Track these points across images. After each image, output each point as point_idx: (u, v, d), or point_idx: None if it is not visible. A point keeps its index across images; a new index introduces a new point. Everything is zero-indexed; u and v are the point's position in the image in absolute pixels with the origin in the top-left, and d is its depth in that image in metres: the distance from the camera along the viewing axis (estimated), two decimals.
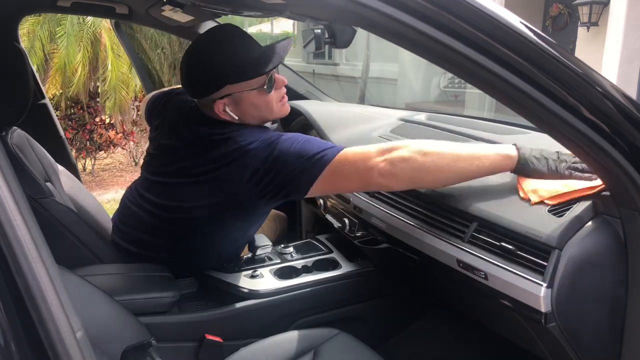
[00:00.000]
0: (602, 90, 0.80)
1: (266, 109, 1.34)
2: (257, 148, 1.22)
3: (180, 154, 1.36)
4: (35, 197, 1.33)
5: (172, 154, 1.39)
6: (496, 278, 1.00)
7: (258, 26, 12.06)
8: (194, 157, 1.32)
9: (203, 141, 1.32)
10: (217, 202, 1.30)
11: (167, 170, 1.38)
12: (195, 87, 1.35)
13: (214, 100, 1.29)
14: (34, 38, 5.41)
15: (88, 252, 1.40)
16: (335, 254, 1.66)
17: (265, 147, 1.22)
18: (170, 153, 1.40)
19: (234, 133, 1.28)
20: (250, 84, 1.29)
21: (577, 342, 0.96)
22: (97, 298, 1.02)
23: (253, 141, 1.24)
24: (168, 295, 1.33)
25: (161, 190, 1.40)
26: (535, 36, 0.77)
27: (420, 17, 0.72)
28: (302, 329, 1.31)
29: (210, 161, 1.28)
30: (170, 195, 1.37)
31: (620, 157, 0.81)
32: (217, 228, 1.39)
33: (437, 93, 6.87)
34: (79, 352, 0.56)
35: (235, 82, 1.28)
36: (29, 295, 0.54)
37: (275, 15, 1.50)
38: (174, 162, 1.37)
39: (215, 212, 1.33)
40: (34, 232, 0.56)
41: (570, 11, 6.34)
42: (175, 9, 1.69)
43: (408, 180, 1.14)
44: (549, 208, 1.00)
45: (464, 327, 1.57)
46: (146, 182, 1.46)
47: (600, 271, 0.93)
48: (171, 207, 1.37)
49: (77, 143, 5.52)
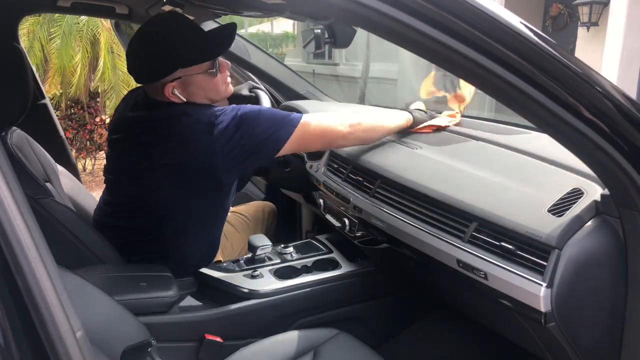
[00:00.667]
0: (602, 90, 0.80)
1: (213, 90, 1.41)
2: (220, 119, 1.29)
3: (134, 142, 1.39)
4: (35, 197, 1.33)
5: (125, 146, 1.42)
6: (496, 278, 1.00)
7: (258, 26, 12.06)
8: (149, 142, 1.35)
9: (155, 123, 1.36)
10: (182, 182, 1.33)
11: (123, 165, 1.41)
12: (145, 72, 1.38)
13: (164, 83, 1.33)
14: (33, 38, 5.41)
15: (88, 252, 1.40)
16: (335, 254, 1.66)
17: (230, 118, 1.29)
18: (124, 147, 1.42)
19: (188, 110, 1.34)
20: (200, 67, 1.36)
21: (577, 342, 0.96)
22: (97, 298, 1.02)
23: (214, 113, 1.31)
24: (168, 295, 1.33)
25: (122, 186, 1.43)
26: (535, 36, 0.77)
27: (420, 17, 0.72)
28: (302, 329, 1.31)
29: (167, 140, 1.32)
30: (131, 188, 1.40)
31: (620, 157, 0.81)
32: (186, 213, 1.40)
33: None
34: (78, 352, 0.56)
35: (187, 66, 1.34)
36: (29, 295, 0.54)
37: (275, 15, 1.50)
38: (129, 153, 1.40)
39: (182, 194, 1.35)
40: (34, 232, 0.56)
41: (570, 11, 6.34)
42: (175, 9, 1.69)
43: (358, 141, 1.51)
44: (549, 208, 1.00)
45: (464, 327, 1.57)
46: (107, 186, 1.49)
47: (600, 271, 0.93)
48: (134, 200, 1.40)
49: (77, 143, 5.51)
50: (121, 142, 1.46)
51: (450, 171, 1.29)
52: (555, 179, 1.10)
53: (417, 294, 1.69)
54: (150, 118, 1.38)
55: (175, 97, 1.35)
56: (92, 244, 1.41)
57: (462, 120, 1.68)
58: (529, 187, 1.11)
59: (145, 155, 1.36)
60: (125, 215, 1.46)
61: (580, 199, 0.99)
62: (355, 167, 1.54)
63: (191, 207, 1.41)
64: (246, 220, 1.89)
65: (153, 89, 1.39)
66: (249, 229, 1.88)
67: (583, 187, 1.02)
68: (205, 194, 1.40)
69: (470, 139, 1.47)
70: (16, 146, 1.37)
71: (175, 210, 1.41)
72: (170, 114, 1.34)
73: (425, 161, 1.38)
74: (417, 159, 1.41)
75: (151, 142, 1.35)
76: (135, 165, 1.39)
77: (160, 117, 1.36)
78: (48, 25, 5.43)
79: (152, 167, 1.34)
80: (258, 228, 1.92)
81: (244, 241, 1.78)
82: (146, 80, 1.40)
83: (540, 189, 1.08)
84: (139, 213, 1.43)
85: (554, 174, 1.13)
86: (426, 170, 1.33)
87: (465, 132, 1.52)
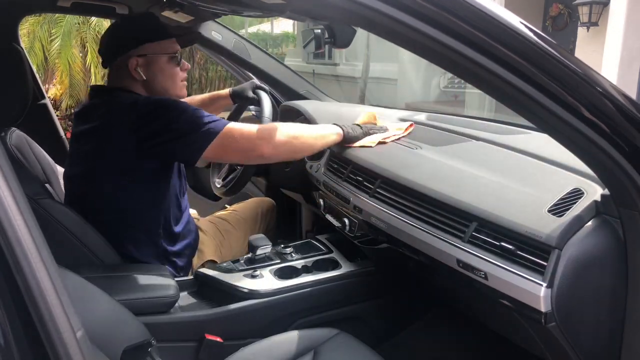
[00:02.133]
0: (602, 90, 0.80)
1: (171, 79, 1.49)
2: (143, 105, 1.34)
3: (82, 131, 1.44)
4: (35, 197, 1.33)
5: (78, 138, 1.46)
6: (496, 278, 1.00)
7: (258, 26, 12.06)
8: (88, 127, 1.41)
9: (93, 109, 1.44)
10: (105, 165, 1.38)
11: (80, 156, 1.45)
12: (114, 45, 1.46)
13: (129, 57, 1.42)
14: (34, 38, 5.41)
15: (88, 252, 1.40)
16: (335, 254, 1.66)
17: (153, 107, 1.34)
18: (76, 139, 1.47)
19: (124, 94, 1.41)
20: (165, 47, 1.46)
21: (577, 342, 0.96)
22: (97, 298, 1.02)
23: (141, 98, 1.38)
24: (168, 295, 1.33)
25: (80, 182, 1.46)
26: (535, 36, 0.77)
27: (420, 17, 0.72)
28: (302, 329, 1.31)
29: (94, 126, 1.38)
30: (82, 178, 1.44)
31: (620, 157, 0.81)
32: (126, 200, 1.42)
33: (437, 93, 6.88)
34: (79, 352, 0.56)
35: (155, 41, 1.44)
36: (29, 295, 0.54)
37: (275, 15, 1.50)
38: (82, 142, 1.44)
39: (109, 177, 1.39)
40: (34, 232, 0.56)
41: (570, 11, 6.34)
42: (175, 9, 1.69)
43: (283, 158, 1.52)
44: (549, 208, 1.00)
45: (464, 327, 1.57)
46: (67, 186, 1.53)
47: (600, 271, 0.93)
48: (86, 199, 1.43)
49: None
50: (74, 137, 1.51)
51: (450, 171, 1.29)
52: (555, 179, 1.10)
53: (417, 294, 1.69)
54: (92, 104, 1.46)
55: (137, 74, 1.43)
56: (92, 244, 1.41)
57: (463, 120, 1.68)
58: (529, 187, 1.11)
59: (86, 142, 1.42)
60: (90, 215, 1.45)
61: (580, 199, 0.99)
62: (355, 167, 1.54)
63: (128, 192, 1.42)
64: (245, 218, 1.89)
65: (116, 71, 1.46)
66: (248, 226, 1.88)
67: (583, 187, 1.02)
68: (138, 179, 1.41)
69: (470, 139, 1.47)
70: (15, 147, 1.37)
71: (116, 198, 1.42)
72: (107, 98, 1.42)
73: (425, 161, 1.38)
74: (417, 159, 1.41)
75: (87, 129, 1.41)
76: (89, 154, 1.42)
77: (97, 102, 1.44)
78: (49, 25, 5.43)
79: (90, 154, 1.40)
80: (257, 225, 1.92)
81: (243, 239, 1.78)
82: (112, 56, 1.46)
83: (540, 189, 1.08)
84: (93, 211, 1.44)
85: (554, 174, 1.13)
86: (426, 170, 1.33)
87: (465, 132, 1.52)
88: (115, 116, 1.35)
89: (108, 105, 1.40)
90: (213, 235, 1.76)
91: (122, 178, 1.39)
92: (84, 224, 1.42)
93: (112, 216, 1.44)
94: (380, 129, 1.63)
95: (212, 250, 1.71)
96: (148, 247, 1.48)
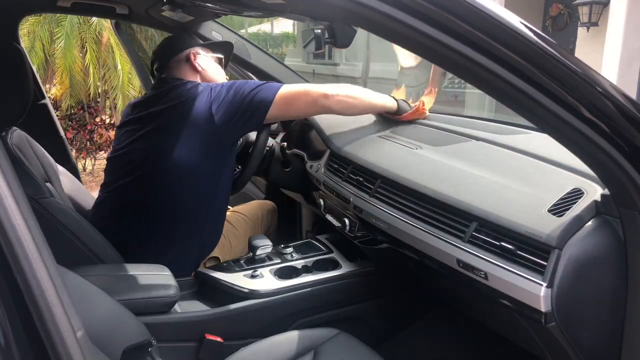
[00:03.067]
0: (601, 90, 0.80)
1: (219, 73, 1.74)
2: (216, 86, 1.54)
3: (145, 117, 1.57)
4: (35, 197, 1.33)
5: (135, 123, 1.59)
6: (496, 278, 1.00)
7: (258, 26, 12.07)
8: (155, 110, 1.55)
9: (156, 97, 1.59)
10: (187, 145, 1.49)
11: (131, 141, 1.56)
12: (176, 44, 1.70)
13: (189, 51, 1.67)
14: (34, 38, 5.40)
15: (88, 252, 1.40)
16: (335, 254, 1.66)
17: (223, 86, 1.54)
18: (133, 124, 1.60)
19: (190, 84, 1.58)
20: (211, 52, 1.75)
21: (577, 341, 0.96)
22: (98, 298, 1.02)
23: (211, 85, 1.57)
24: (168, 295, 1.33)
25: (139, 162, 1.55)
26: (535, 36, 0.77)
27: (420, 17, 0.72)
28: (302, 329, 1.31)
29: (172, 108, 1.52)
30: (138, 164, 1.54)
31: (620, 157, 0.81)
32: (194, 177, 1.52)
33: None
34: (79, 352, 0.56)
35: (202, 45, 1.74)
36: (30, 294, 0.54)
37: (275, 15, 1.50)
38: (138, 129, 1.56)
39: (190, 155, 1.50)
40: (34, 231, 0.56)
41: (570, 11, 6.34)
42: (175, 9, 1.69)
43: (339, 112, 1.58)
44: (549, 208, 1.00)
45: (464, 327, 1.57)
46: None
47: (600, 271, 0.93)
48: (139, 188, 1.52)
49: (77, 143, 5.50)
50: (129, 123, 1.63)
51: (450, 171, 1.29)
52: (555, 179, 1.10)
53: (417, 294, 1.69)
54: (157, 94, 1.60)
55: (196, 65, 1.66)
56: (92, 244, 1.41)
57: (463, 120, 1.68)
58: (529, 187, 1.11)
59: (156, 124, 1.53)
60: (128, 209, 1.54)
61: (580, 199, 0.99)
62: (356, 167, 1.54)
63: (199, 169, 1.52)
64: (245, 219, 1.90)
65: (175, 63, 1.67)
66: (249, 227, 1.88)
67: (583, 187, 1.02)
68: (209, 155, 1.53)
69: (470, 139, 1.47)
70: (16, 146, 1.37)
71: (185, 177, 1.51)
72: (176, 85, 1.57)
73: (425, 161, 1.38)
74: (417, 159, 1.41)
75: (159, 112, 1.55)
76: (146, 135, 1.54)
77: (163, 91, 1.58)
78: (49, 25, 5.42)
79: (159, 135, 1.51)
80: (258, 227, 1.92)
81: (244, 240, 1.78)
82: (173, 52, 1.68)
83: (540, 189, 1.08)
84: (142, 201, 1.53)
85: (554, 174, 1.13)
86: (426, 170, 1.33)
87: (465, 132, 1.52)
88: (191, 96, 1.52)
89: (178, 89, 1.55)
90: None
91: (192, 153, 1.50)
92: (84, 224, 1.42)
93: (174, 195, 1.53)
94: (411, 107, 1.73)
95: (217, 249, 1.71)
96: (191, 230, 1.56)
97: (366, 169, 1.48)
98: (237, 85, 1.52)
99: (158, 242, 1.53)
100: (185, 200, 1.53)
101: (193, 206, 1.54)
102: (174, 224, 1.54)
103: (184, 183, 1.51)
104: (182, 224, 1.54)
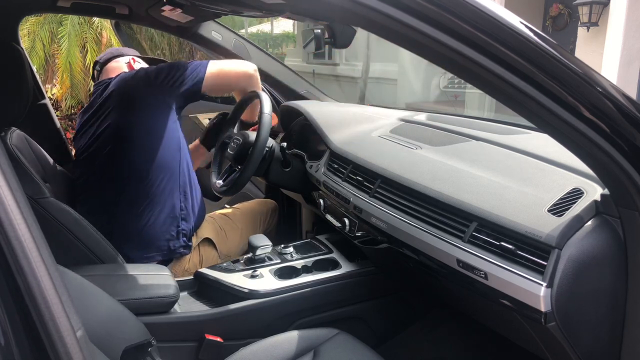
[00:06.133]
0: (602, 90, 0.80)
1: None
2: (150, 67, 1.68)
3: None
4: (35, 197, 1.33)
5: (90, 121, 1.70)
6: (496, 278, 1.00)
7: (258, 26, 12.06)
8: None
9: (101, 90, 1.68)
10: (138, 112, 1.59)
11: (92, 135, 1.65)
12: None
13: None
14: (34, 38, 5.40)
15: (88, 252, 1.40)
16: (335, 254, 1.66)
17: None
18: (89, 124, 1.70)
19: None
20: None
21: (576, 341, 0.96)
22: (97, 298, 1.02)
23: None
24: (168, 295, 1.33)
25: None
26: (535, 36, 0.77)
27: (420, 17, 0.72)
28: (302, 329, 1.31)
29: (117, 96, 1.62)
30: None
31: (620, 157, 0.81)
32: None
33: (437, 93, 6.87)
34: (79, 352, 0.56)
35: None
36: (30, 294, 0.54)
37: (275, 15, 1.50)
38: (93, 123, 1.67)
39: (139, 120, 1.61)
40: (34, 231, 0.56)
41: (570, 11, 6.34)
42: (175, 9, 1.69)
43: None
44: (548, 208, 1.00)
45: (464, 327, 1.57)
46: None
47: (600, 271, 0.93)
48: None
49: None
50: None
51: (450, 171, 1.29)
52: (555, 179, 1.10)
53: (417, 294, 1.69)
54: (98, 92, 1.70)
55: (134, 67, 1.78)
56: (92, 244, 1.41)
57: (463, 120, 1.68)
58: (529, 187, 1.11)
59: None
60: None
61: (580, 198, 0.99)
62: (355, 167, 1.54)
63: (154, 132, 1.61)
64: (244, 214, 1.91)
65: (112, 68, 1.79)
66: (248, 221, 1.89)
67: (583, 187, 1.02)
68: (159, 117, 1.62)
69: (470, 139, 1.47)
70: (16, 146, 1.37)
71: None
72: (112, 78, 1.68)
73: (425, 161, 1.38)
74: (417, 159, 1.41)
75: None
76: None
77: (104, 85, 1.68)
78: (49, 25, 5.43)
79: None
80: (257, 223, 1.93)
81: (242, 234, 1.80)
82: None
83: (540, 188, 1.08)
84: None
85: (554, 174, 1.13)
86: (426, 170, 1.33)
87: (465, 132, 1.52)
88: (129, 74, 1.66)
89: (116, 79, 1.66)
90: (212, 224, 1.80)
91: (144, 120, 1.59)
92: (84, 224, 1.42)
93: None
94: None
95: (210, 231, 1.75)
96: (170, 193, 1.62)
97: (366, 169, 1.48)
98: (167, 66, 1.67)
99: (140, 216, 1.58)
100: (148, 169, 1.59)
101: (157, 172, 1.60)
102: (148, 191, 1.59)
103: (145, 150, 1.59)
104: (153, 188, 1.60)
